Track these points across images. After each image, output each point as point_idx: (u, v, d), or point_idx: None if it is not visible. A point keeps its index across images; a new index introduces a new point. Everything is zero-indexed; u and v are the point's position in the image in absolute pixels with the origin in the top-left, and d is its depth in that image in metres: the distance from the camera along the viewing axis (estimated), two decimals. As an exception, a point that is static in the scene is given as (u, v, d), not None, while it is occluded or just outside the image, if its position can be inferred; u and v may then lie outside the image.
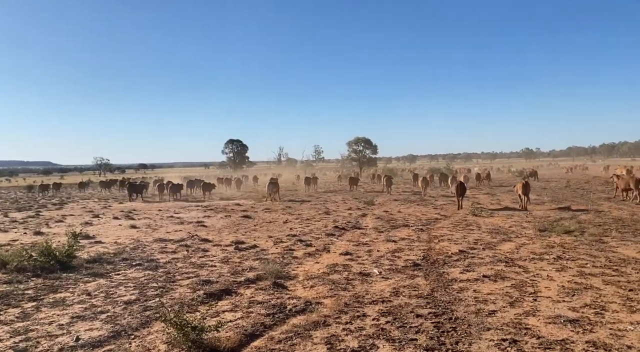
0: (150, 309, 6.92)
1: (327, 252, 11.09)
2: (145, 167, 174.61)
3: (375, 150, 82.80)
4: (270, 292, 7.66)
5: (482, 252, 10.47)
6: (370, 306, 6.77)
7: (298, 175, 62.15)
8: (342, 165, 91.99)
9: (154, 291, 7.92)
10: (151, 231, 15.25)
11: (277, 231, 14.64)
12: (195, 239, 13.25)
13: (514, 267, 8.93)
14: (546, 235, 12.56)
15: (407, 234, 13.49)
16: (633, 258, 9.44)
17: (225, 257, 10.73)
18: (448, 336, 5.47)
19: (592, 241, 11.48)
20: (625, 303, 6.51)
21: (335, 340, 5.48)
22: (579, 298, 6.83)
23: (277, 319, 6.32)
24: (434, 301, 6.91)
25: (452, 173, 46.96)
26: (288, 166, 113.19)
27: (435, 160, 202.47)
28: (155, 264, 10.10)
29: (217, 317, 6.41)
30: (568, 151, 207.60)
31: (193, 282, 8.38)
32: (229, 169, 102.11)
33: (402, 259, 9.94)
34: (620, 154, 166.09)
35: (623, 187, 22.27)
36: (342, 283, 8.09)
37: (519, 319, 6.01)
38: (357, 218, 17.59)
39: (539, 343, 5.19)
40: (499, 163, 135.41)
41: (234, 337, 5.63)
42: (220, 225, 16.53)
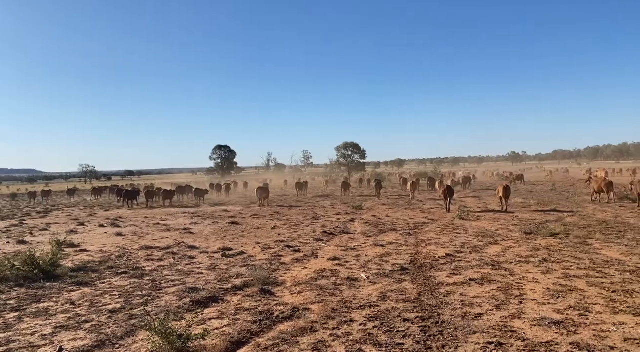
0: (135, 317, 6.83)
1: (315, 257, 11.07)
2: (132, 174, 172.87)
3: (363, 155, 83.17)
4: (257, 299, 7.62)
5: (468, 256, 10.53)
6: (357, 311, 6.77)
7: (286, 180, 62.18)
8: (331, 170, 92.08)
9: (140, 299, 7.83)
10: (137, 239, 15.09)
11: (265, 237, 14.59)
12: (182, 246, 13.14)
13: (500, 270, 9.00)
14: (532, 238, 12.69)
15: (395, 238, 13.52)
16: (616, 260, 9.56)
17: (212, 264, 10.65)
18: (435, 340, 5.49)
19: (576, 243, 11.62)
20: (609, 304, 6.59)
21: (322, 346, 5.46)
22: (564, 300, 6.89)
23: (264, 326, 6.28)
24: (421, 305, 6.92)
25: (440, 177, 47.43)
26: (277, 172, 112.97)
27: (423, 164, 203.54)
28: (141, 272, 9.99)
29: (204, 324, 6.36)
30: (554, 154, 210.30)
31: (179, 290, 8.30)
32: (217, 175, 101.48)
33: (390, 264, 9.95)
34: (604, 157, 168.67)
35: (596, 189, 23.37)
36: (329, 288, 8.08)
37: (504, 322, 6.05)
38: (345, 223, 17.59)
39: (524, 346, 5.22)
40: (485, 167, 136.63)
41: (220, 345, 5.59)
42: (207, 232, 16.42)
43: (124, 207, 30.35)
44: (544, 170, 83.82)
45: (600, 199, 22.84)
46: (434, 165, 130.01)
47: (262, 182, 48.85)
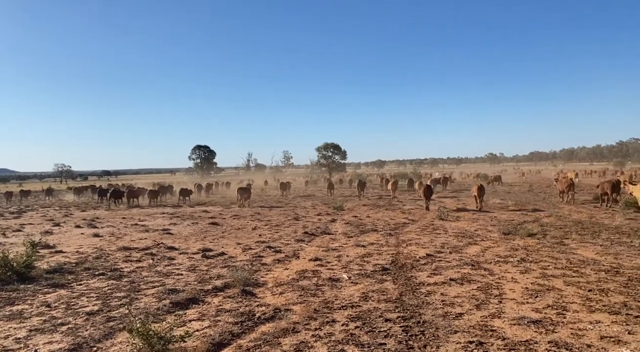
0: (113, 319, 6.71)
1: (296, 258, 11.04)
2: (109, 174, 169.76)
3: (344, 155, 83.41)
4: (238, 300, 7.55)
5: (449, 256, 10.64)
6: (339, 311, 6.77)
7: (266, 181, 61.96)
8: (311, 171, 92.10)
9: (118, 301, 7.69)
10: (115, 239, 14.83)
11: (246, 238, 14.49)
12: (160, 247, 12.96)
13: (480, 270, 9.11)
14: (510, 238, 12.89)
15: (375, 238, 13.58)
16: (592, 259, 9.78)
17: (192, 265, 10.52)
18: (416, 340, 5.52)
19: (553, 243, 11.85)
20: (585, 303, 6.73)
21: (304, 347, 5.44)
22: (542, 299, 7.01)
23: (245, 327, 6.23)
24: (402, 305, 6.96)
25: (419, 178, 48.37)
26: (257, 172, 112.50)
27: (403, 165, 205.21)
28: (119, 273, 9.81)
29: (184, 326, 6.27)
30: (530, 156, 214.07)
31: (159, 291, 8.18)
32: (196, 175, 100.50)
33: (371, 264, 9.98)
34: (579, 159, 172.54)
35: (561, 190, 24.60)
36: (311, 289, 8.06)
37: (484, 321, 6.12)
38: (326, 224, 17.60)
39: (504, 344, 5.29)
40: (464, 168, 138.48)
41: (201, 347, 5.52)
42: (186, 232, 16.23)
43: (109, 207, 30.07)
44: (520, 171, 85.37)
45: (568, 199, 23.71)
46: (414, 166, 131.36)
47: (245, 183, 48.58)
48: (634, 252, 10.33)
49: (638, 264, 9.14)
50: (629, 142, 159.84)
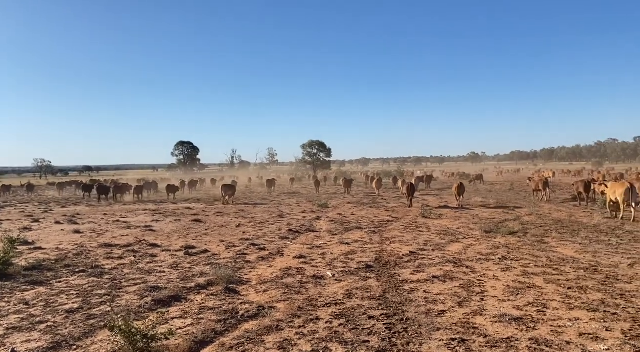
0: (94, 317, 6.61)
1: (280, 255, 11.02)
2: (90, 169, 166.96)
3: (329, 153, 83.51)
4: (221, 298, 7.51)
5: (431, 254, 10.73)
6: (323, 308, 6.77)
7: (250, 178, 61.77)
8: (296, 168, 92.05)
9: (99, 298, 7.58)
10: (96, 236, 14.61)
11: (230, 235, 14.41)
12: (142, 244, 12.81)
13: (462, 268, 9.21)
14: (492, 236, 13.06)
15: (360, 236, 13.63)
16: (571, 257, 9.96)
17: (174, 262, 10.43)
18: (399, 337, 5.55)
19: (534, 241, 12.04)
20: (565, 301, 6.85)
21: (288, 344, 5.44)
22: (523, 297, 7.12)
23: (228, 325, 6.20)
24: (385, 302, 7.00)
25: (403, 176, 49.06)
26: (241, 169, 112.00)
27: (387, 163, 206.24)
28: (100, 270, 9.67)
29: (167, 324, 6.21)
30: (512, 155, 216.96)
31: (140, 288, 8.09)
32: (179, 172, 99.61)
33: (355, 262, 10.02)
34: (559, 159, 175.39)
35: (534, 188, 25.83)
36: (295, 287, 8.06)
37: (467, 318, 6.19)
38: (311, 221, 17.60)
39: (486, 342, 5.36)
40: (446, 167, 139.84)
41: (183, 345, 5.48)
42: (169, 229, 16.08)
43: (99, 201, 30.19)
44: (504, 170, 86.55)
45: (542, 197, 24.85)
46: (398, 164, 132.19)
47: (230, 180, 48.31)
48: (612, 251, 10.55)
49: (615, 262, 9.34)
50: (606, 142, 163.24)
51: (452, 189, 23.96)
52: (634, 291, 7.29)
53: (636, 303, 6.65)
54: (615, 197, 16.33)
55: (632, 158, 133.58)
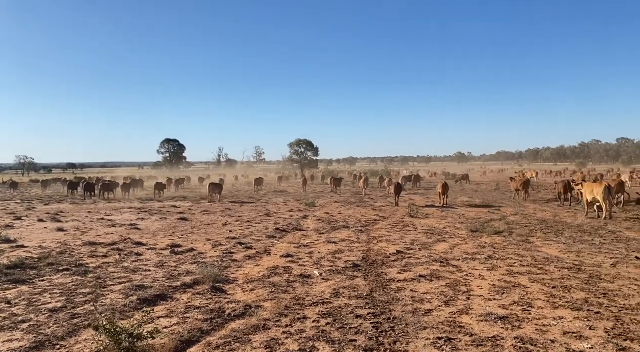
0: (78, 316, 6.52)
1: (267, 254, 10.98)
2: (74, 166, 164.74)
3: (316, 152, 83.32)
4: (208, 297, 7.46)
5: (418, 253, 10.79)
6: (310, 308, 6.76)
7: (236, 176, 61.55)
8: (283, 167, 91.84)
9: (83, 297, 7.47)
10: (80, 234, 14.40)
11: (216, 234, 14.32)
12: (128, 243, 12.66)
13: (449, 267, 9.27)
14: (478, 236, 13.17)
15: (347, 235, 13.65)
16: (556, 257, 10.09)
17: (160, 261, 10.33)
18: (386, 336, 5.57)
19: (519, 241, 12.17)
20: (549, 300, 6.93)
21: (275, 344, 5.42)
22: (508, 296, 7.19)
23: (215, 324, 6.15)
24: (373, 301, 7.01)
25: (389, 175, 49.48)
26: (228, 167, 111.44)
27: (374, 163, 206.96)
28: (84, 269, 9.54)
29: (152, 323, 6.14)
30: (497, 156, 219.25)
31: (126, 287, 8.00)
32: (165, 170, 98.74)
33: (343, 261, 10.03)
34: (544, 159, 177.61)
35: (515, 188, 26.63)
36: (282, 286, 8.03)
37: (453, 317, 6.23)
38: (298, 220, 17.57)
39: (472, 341, 5.40)
40: (433, 166, 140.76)
41: (169, 344, 5.42)
42: (155, 228, 15.92)
43: (84, 198, 30.02)
44: (487, 170, 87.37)
45: (523, 197, 25.60)
46: (385, 163, 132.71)
47: (218, 178, 48.07)
48: (595, 251, 10.71)
49: (599, 262, 9.48)
50: (590, 143, 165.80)
51: (437, 188, 24.57)
52: (616, 290, 7.41)
53: (619, 302, 6.76)
54: (593, 196, 16.73)
55: (615, 159, 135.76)
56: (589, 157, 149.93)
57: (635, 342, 5.27)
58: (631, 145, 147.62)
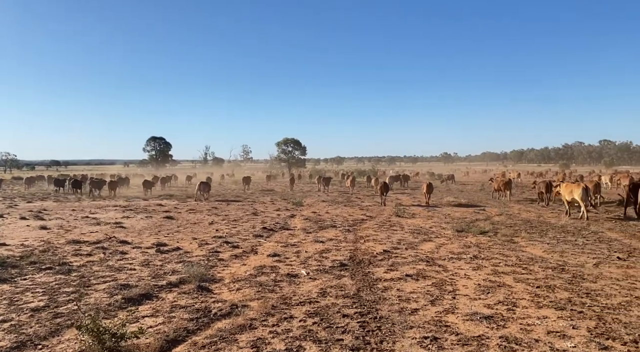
0: (61, 316, 6.42)
1: (254, 253, 10.94)
2: (58, 164, 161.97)
3: (304, 151, 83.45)
4: (194, 296, 7.40)
5: (405, 252, 10.84)
6: (297, 307, 6.75)
7: (223, 175, 61.27)
8: (271, 166, 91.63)
9: (66, 296, 7.36)
10: (64, 232, 14.19)
11: (202, 233, 14.22)
12: (112, 241, 12.51)
13: (435, 266, 9.33)
14: (463, 235, 13.28)
15: (334, 234, 13.66)
16: (540, 257, 10.22)
17: (145, 260, 10.22)
18: (373, 335, 5.58)
19: (504, 241, 12.30)
20: (534, 299, 7.01)
21: (261, 343, 5.40)
22: (493, 295, 7.26)
23: (201, 324, 6.11)
24: (359, 300, 7.02)
25: (376, 175, 49.83)
26: (214, 166, 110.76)
27: (362, 162, 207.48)
28: (67, 267, 9.39)
29: (137, 322, 6.08)
30: (482, 156, 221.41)
31: (110, 286, 7.90)
32: (150, 168, 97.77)
33: (330, 260, 10.03)
34: (528, 160, 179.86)
35: (496, 188, 27.49)
36: (269, 285, 8.01)
37: (439, 316, 6.27)
38: (285, 219, 17.53)
39: (458, 340, 5.44)
40: (419, 166, 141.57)
41: (154, 344, 5.37)
42: (140, 226, 15.76)
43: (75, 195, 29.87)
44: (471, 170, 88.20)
45: (503, 196, 26.56)
46: (372, 163, 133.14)
47: (205, 176, 47.75)
48: (578, 251, 10.87)
49: (582, 262, 9.63)
50: (573, 145, 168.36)
51: (422, 188, 25.28)
52: (599, 289, 7.53)
53: (601, 302, 6.87)
54: (571, 197, 17.20)
55: (597, 161, 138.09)
56: (572, 158, 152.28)
57: (616, 341, 5.36)
58: (613, 147, 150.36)
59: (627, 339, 5.39)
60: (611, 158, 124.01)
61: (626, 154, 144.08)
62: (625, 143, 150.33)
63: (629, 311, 6.44)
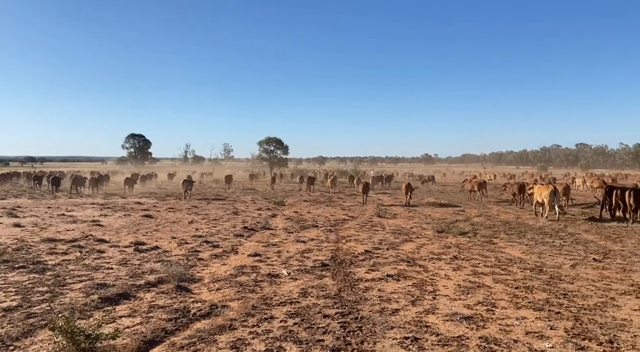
0: (34, 316, 6.24)
1: (235, 253, 10.83)
2: (33, 160, 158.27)
3: (286, 150, 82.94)
4: (172, 296, 7.28)
5: (386, 252, 10.87)
6: (278, 307, 6.70)
7: (202, 173, 60.86)
8: (252, 165, 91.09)
9: (40, 296, 7.17)
10: (39, 230, 13.84)
11: (182, 232, 14.03)
12: (89, 240, 12.25)
13: (415, 267, 9.37)
14: (444, 236, 13.38)
15: (316, 234, 13.63)
16: (518, 258, 10.35)
17: (123, 259, 10.03)
18: (354, 336, 5.56)
19: (483, 242, 12.43)
20: (512, 300, 7.09)
21: (241, 344, 5.33)
22: (473, 296, 7.32)
23: (179, 324, 6.01)
24: (341, 300, 7.00)
25: (358, 175, 50.08)
26: (195, 164, 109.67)
27: (344, 162, 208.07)
28: (42, 266, 9.15)
29: (113, 323, 5.95)
30: (462, 158, 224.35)
31: (86, 286, 7.72)
32: (129, 165, 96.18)
33: (311, 260, 9.99)
34: (507, 162, 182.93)
35: (469, 189, 28.67)
36: (250, 285, 7.93)
37: (419, 317, 6.29)
38: (266, 219, 17.44)
39: (438, 340, 5.46)
40: (400, 167, 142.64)
41: (131, 345, 5.26)
42: (118, 224, 15.48)
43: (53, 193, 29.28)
44: (451, 171, 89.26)
45: (477, 197, 27.46)
46: (354, 163, 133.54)
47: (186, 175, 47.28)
48: (555, 252, 11.05)
49: (559, 263, 9.79)
50: (551, 148, 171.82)
51: (402, 188, 26.22)
52: (575, 290, 7.65)
53: (578, 302, 6.98)
54: (541, 198, 17.86)
55: (574, 163, 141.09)
56: (550, 161, 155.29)
57: (592, 341, 5.45)
58: (589, 150, 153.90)
59: (602, 340, 5.48)
60: (587, 161, 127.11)
61: (601, 157, 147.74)
62: (600, 146, 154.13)
63: (605, 312, 6.56)
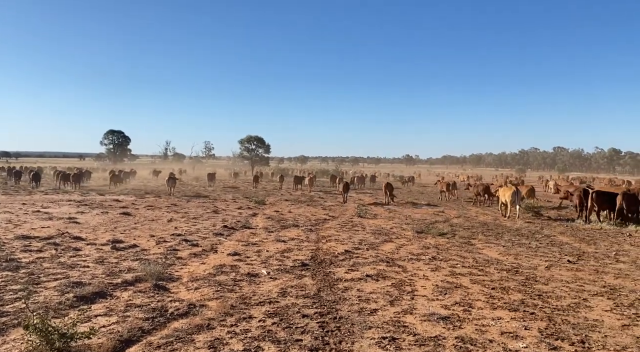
0: (7, 314, 6.10)
1: (214, 252, 10.76)
2: (8, 155, 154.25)
3: (267, 149, 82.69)
4: (150, 295, 7.20)
5: (366, 253, 10.93)
6: (257, 307, 6.68)
7: (180, 169, 60.43)
8: (233, 163, 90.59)
9: (13, 294, 7.01)
10: (12, 227, 13.51)
11: (161, 230, 13.87)
12: (65, 237, 12.01)
13: (394, 267, 9.45)
14: (423, 237, 13.52)
15: (296, 234, 13.62)
16: (495, 259, 10.53)
17: (100, 257, 9.88)
18: (332, 336, 5.59)
19: (462, 243, 12.60)
20: (489, 300, 7.21)
21: (219, 344, 5.31)
22: (450, 296, 7.42)
23: (157, 323, 5.95)
24: (320, 300, 7.02)
25: (340, 174, 50.37)
26: (175, 161, 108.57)
27: (326, 162, 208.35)
28: (15, 264, 8.94)
29: (89, 322, 5.85)
30: (443, 159, 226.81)
31: (61, 284, 7.58)
32: (107, 162, 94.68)
33: (291, 259, 9.99)
34: (486, 164, 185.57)
35: (441, 190, 30.39)
36: (229, 284, 7.89)
37: (397, 317, 6.35)
38: (247, 218, 17.36)
39: (415, 340, 5.52)
40: (381, 168, 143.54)
41: (107, 344, 5.19)
42: (95, 222, 15.22)
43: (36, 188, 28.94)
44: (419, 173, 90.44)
45: (448, 197, 29.34)
46: (336, 163, 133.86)
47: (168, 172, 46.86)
48: (531, 253, 11.27)
49: (534, 264, 9.99)
50: (529, 151, 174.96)
51: (382, 188, 27.23)
52: (550, 291, 7.82)
53: (552, 303, 7.14)
54: (504, 198, 19.10)
55: (551, 166, 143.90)
56: (528, 163, 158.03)
57: (565, 341, 5.58)
58: (566, 154, 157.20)
59: (574, 340, 5.62)
60: (564, 164, 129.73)
61: (578, 161, 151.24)
62: (577, 150, 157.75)
63: (577, 312, 6.72)
